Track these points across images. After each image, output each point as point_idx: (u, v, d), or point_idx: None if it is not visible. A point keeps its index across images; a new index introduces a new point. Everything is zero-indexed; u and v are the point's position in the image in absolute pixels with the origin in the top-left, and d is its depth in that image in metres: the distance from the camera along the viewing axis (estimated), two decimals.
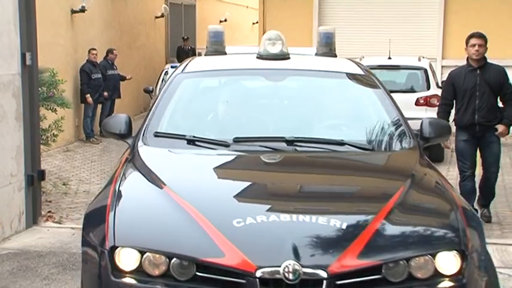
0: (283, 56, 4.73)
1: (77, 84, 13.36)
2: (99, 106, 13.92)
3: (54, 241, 6.15)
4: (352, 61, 5.21)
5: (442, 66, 14.85)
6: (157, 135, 4.10)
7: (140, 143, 4.04)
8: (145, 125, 4.20)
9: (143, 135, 4.12)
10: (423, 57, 12.42)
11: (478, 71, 6.84)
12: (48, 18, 11.92)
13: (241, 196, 3.50)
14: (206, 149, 4.00)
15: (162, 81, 13.95)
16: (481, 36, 6.84)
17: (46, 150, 10.67)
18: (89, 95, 13.20)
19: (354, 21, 15.28)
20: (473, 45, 6.79)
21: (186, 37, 20.13)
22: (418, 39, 14.90)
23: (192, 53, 19.76)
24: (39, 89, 8.25)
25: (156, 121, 4.23)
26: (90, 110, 13.43)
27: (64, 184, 9.48)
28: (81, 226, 6.72)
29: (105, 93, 13.72)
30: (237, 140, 4.01)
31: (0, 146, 6.03)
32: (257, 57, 4.77)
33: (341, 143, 4.06)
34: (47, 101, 8.36)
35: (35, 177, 6.55)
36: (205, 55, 5.18)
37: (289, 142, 4.00)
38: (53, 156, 11.43)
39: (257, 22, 18.64)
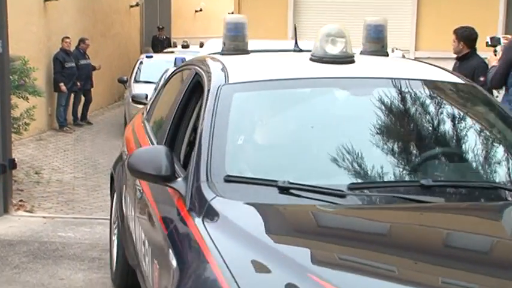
0: (347, 59, 3.53)
1: (50, 72, 13.23)
2: (72, 95, 13.80)
3: (25, 230, 6.12)
4: (434, 65, 4.05)
5: (415, 58, 14.93)
6: (229, 179, 2.83)
7: (209, 194, 2.75)
8: (203, 163, 2.91)
9: (208, 179, 2.83)
10: (396, 49, 12.49)
11: (458, 65, 6.74)
12: (21, 5, 11.77)
13: None
14: (314, 201, 2.76)
15: (138, 71, 13.85)
16: (453, 32, 6.83)
17: (18, 139, 10.58)
18: (62, 84, 13.08)
19: (328, 12, 15.31)
20: None
21: (161, 26, 20.07)
22: (392, 31, 14.79)
23: (167, 42, 19.71)
24: (11, 77, 8.18)
25: (219, 157, 2.95)
26: (63, 99, 13.31)
27: (36, 173, 9.41)
28: (53, 215, 6.81)
29: (78, 83, 13.61)
30: (353, 188, 2.85)
31: None
32: (311, 59, 3.55)
33: (495, 187, 2.99)
34: (18, 89, 8.27)
35: (6, 166, 6.50)
36: (221, 54, 3.94)
37: (427, 188, 2.84)
38: (25, 145, 11.33)
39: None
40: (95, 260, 5.32)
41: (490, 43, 6.20)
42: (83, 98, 14.21)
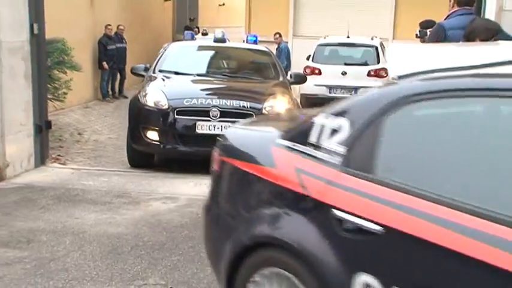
0: None
1: (95, 53, 13.11)
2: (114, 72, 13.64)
3: (56, 178, 6.04)
4: None
5: None
6: None
7: None
8: None
9: None
10: (375, 37, 12.18)
11: None
12: (72, 0, 11.66)
13: None
14: None
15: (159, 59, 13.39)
16: (419, 24, 6.53)
17: (68, 107, 10.54)
18: (105, 63, 13.00)
19: (321, 6, 14.99)
20: None
21: (192, 18, 19.87)
22: (374, 23, 14.59)
23: (197, 31, 19.46)
24: (54, 54, 8.06)
25: None
26: (105, 75, 13.24)
27: (79, 134, 9.32)
28: (80, 167, 6.70)
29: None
30: None
31: (12, 100, 5.88)
32: None
33: None
34: (58, 65, 8.14)
35: (42, 127, 6.40)
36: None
37: None
38: (74, 112, 11.28)
39: None
40: (106, 204, 5.22)
41: (419, 35, 5.98)
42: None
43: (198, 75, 7.27)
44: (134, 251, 4.17)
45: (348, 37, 11.98)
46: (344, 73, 11.34)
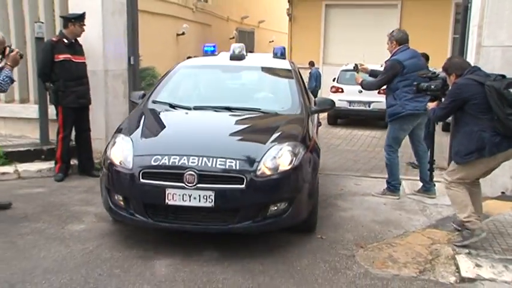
0: None
1: None
2: None
3: None
4: None
5: None
6: None
7: None
8: None
9: None
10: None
11: None
12: (162, 38, 11.68)
13: None
14: None
15: (157, 86, 12.67)
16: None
17: None
18: None
19: (344, 41, 14.53)
20: None
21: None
22: (384, 53, 13.95)
23: None
24: (147, 78, 8.01)
25: None
26: None
27: None
28: None
29: None
30: None
31: (114, 112, 5.85)
32: None
33: None
34: (150, 86, 8.11)
35: None
36: None
37: None
38: None
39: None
40: None
41: (354, 68, 5.59)
42: None
43: (196, 108, 4.17)
44: None
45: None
46: (360, 91, 10.98)
